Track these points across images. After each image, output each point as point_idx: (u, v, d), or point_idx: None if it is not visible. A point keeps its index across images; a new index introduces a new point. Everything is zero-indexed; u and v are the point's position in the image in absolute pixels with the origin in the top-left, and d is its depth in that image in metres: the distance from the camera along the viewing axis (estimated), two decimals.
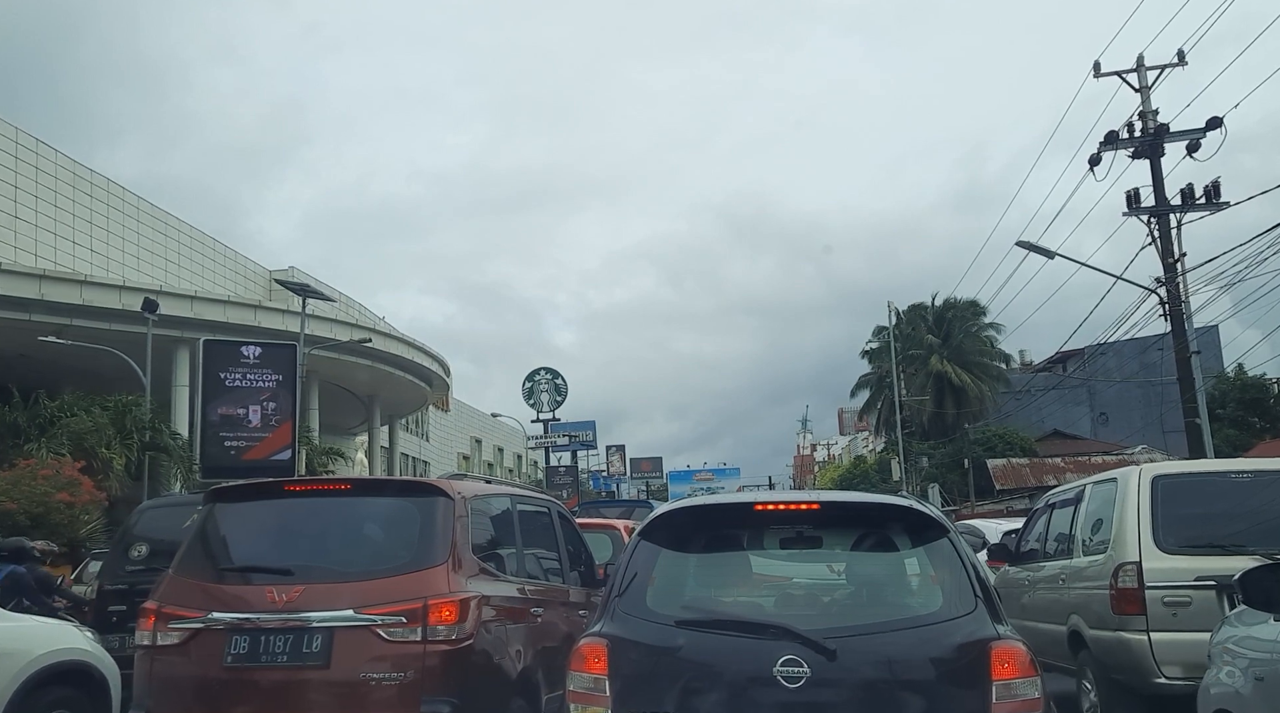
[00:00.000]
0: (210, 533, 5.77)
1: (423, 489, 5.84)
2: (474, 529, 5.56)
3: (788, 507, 4.36)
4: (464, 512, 5.46)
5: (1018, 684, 3.59)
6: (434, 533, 5.29)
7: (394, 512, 5.73)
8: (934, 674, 3.68)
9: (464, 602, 5.02)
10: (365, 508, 5.83)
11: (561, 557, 6.90)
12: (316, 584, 5.04)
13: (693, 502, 4.61)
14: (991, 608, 3.84)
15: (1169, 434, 43.65)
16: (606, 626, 3.96)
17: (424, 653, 4.84)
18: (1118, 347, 34.53)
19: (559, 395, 54.23)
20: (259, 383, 21.22)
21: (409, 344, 35.59)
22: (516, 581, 5.92)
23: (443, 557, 5.18)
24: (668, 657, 3.79)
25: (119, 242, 33.31)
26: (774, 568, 4.56)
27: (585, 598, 6.90)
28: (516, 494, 6.88)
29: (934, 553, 4.09)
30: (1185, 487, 6.70)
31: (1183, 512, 6.47)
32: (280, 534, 5.68)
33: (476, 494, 5.94)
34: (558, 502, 7.83)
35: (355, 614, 4.86)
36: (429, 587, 4.99)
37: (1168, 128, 16.65)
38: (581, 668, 3.87)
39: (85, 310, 25.14)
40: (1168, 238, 16.69)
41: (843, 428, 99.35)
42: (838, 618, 4.02)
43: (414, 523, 5.45)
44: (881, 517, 4.31)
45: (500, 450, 76.56)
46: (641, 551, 4.19)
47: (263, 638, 4.91)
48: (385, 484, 7.05)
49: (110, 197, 33.38)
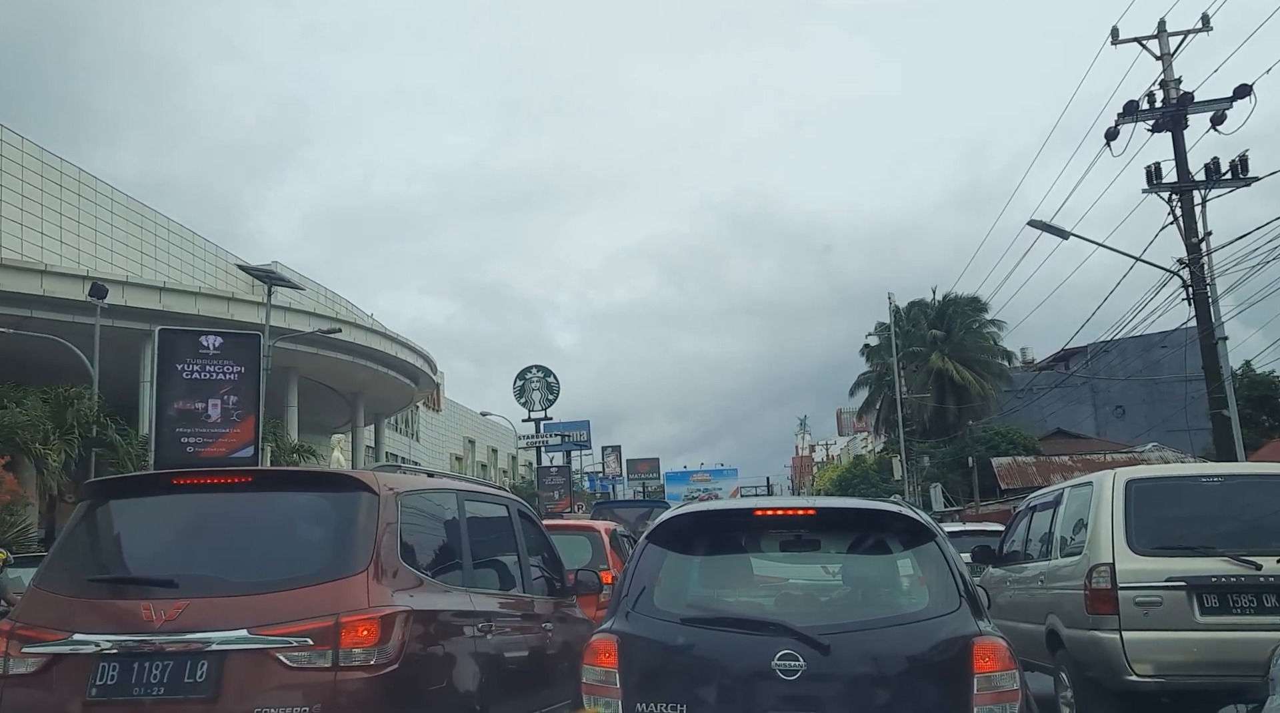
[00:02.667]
0: (81, 536, 4.95)
1: (341, 483, 4.98)
2: (406, 531, 4.79)
3: (786, 512, 4.61)
4: (393, 510, 4.71)
5: (998, 677, 3.85)
6: (353, 535, 4.53)
7: (305, 510, 4.90)
8: (920, 667, 3.96)
9: (387, 618, 4.29)
10: (270, 505, 4.94)
11: (522, 563, 6.16)
12: (204, 598, 4.28)
13: (697, 507, 4.99)
14: (974, 607, 4.11)
15: (1174, 432, 42.94)
16: (617, 623, 4.24)
17: (335, 683, 4.12)
18: (1122, 345, 33.75)
19: (551, 394, 53.39)
20: (219, 375, 19.85)
21: (392, 340, 34.42)
22: (462, 591, 5.16)
23: (362, 564, 4.41)
24: (674, 651, 4.09)
25: (90, 232, 32.08)
26: (773, 569, 4.86)
27: (553, 610, 6.32)
28: (465, 490, 5.99)
29: (922, 556, 4.35)
30: (1158, 490, 6.95)
31: (1155, 514, 6.68)
32: (163, 538, 4.84)
33: (411, 489, 5.15)
34: (518, 499, 6.93)
35: (250, 635, 4.14)
36: (343, 601, 4.25)
37: (1191, 96, 15.50)
38: (594, 662, 4.17)
39: (46, 301, 23.97)
40: (1191, 216, 15.55)
41: (841, 429, 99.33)
42: (832, 616, 4.28)
43: (328, 523, 4.72)
44: (874, 522, 4.61)
45: (494, 451, 75.76)
46: (649, 553, 4.47)
47: (136, 665, 4.13)
48: (296, 476, 5.87)
49: (81, 186, 32.18)
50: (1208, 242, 15.54)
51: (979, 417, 45.20)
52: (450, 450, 65.73)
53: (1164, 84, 15.99)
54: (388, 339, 34.26)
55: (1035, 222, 16.45)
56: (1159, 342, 41.86)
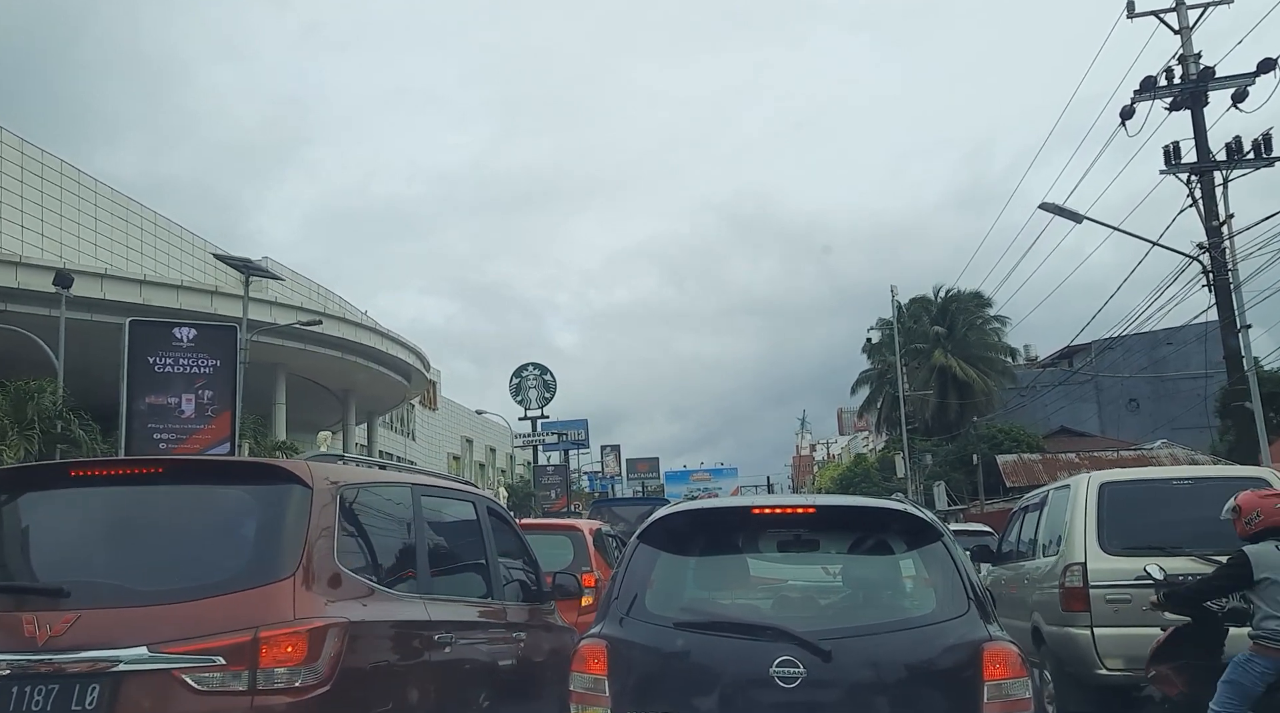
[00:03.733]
0: None
1: (268, 474, 4.34)
2: (348, 530, 4.22)
3: (784, 511, 4.44)
4: (330, 506, 4.11)
5: (1009, 685, 3.66)
6: (279, 535, 3.93)
7: (225, 506, 4.25)
8: (927, 675, 3.76)
9: (316, 632, 3.70)
10: (184, 501, 4.26)
11: (491, 566, 5.55)
12: (99, 610, 3.67)
13: (691, 505, 4.71)
14: (983, 610, 3.91)
15: (1179, 430, 42.15)
16: (606, 627, 4.05)
17: (252, 708, 3.56)
18: (1127, 341, 32.99)
19: (548, 392, 52.69)
20: (193, 369, 19.00)
21: (383, 335, 33.61)
22: (417, 600, 4.55)
23: (288, 568, 3.81)
24: (666, 658, 3.91)
25: (73, 226, 31.33)
26: (771, 571, 4.66)
27: (529, 617, 5.81)
28: (424, 484, 5.29)
29: (928, 556, 4.16)
30: (1130, 493, 7.35)
31: (1126, 516, 7.06)
32: (57, 539, 4.23)
33: (355, 482, 4.53)
34: (487, 495, 6.28)
35: (151, 653, 3.54)
36: (264, 612, 3.67)
37: (1213, 71, 14.70)
38: (582, 669, 3.96)
39: (21, 295, 23.18)
40: (1212, 198, 14.75)
41: (842, 428, 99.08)
42: (833, 620, 4.13)
43: (251, 521, 4.10)
44: (876, 521, 4.42)
45: (493, 451, 75.07)
46: (640, 553, 4.27)
47: (15, 689, 3.56)
48: (216, 467, 5.04)
49: (64, 178, 31.43)
50: (1229, 225, 14.74)
51: (982, 414, 44.45)
52: (448, 450, 65.16)
53: (1182, 59, 15.21)
54: (378, 335, 33.45)
55: (1047, 204, 15.66)
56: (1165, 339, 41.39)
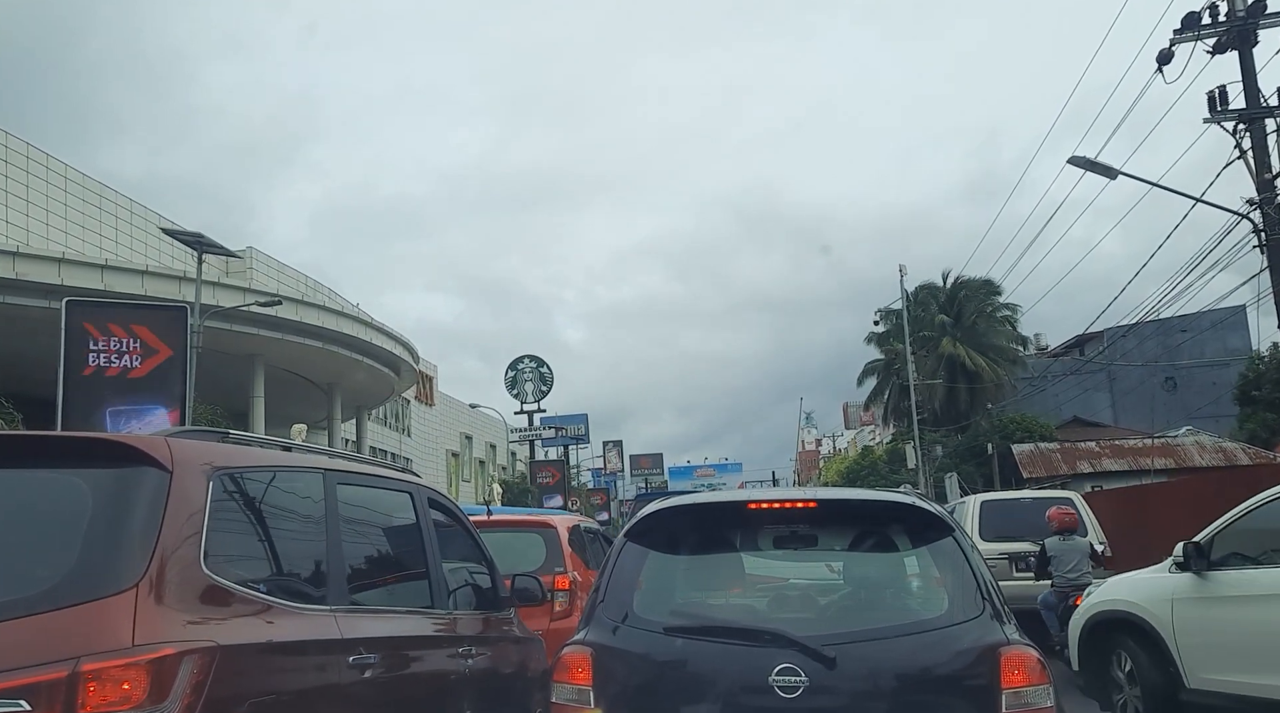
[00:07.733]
0: None
1: (113, 454, 3.21)
2: (225, 527, 3.32)
3: (783, 505, 4.24)
4: (199, 496, 3.22)
5: (1029, 692, 3.46)
6: (116, 533, 2.97)
7: (48, 496, 3.18)
8: (940, 683, 3.57)
9: (166, 662, 2.77)
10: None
11: (432, 568, 4.76)
12: None
13: (682, 500, 4.44)
14: (998, 611, 3.71)
15: (1195, 419, 40.67)
16: (590, 633, 3.87)
17: None
18: (1141, 330, 31.50)
19: (544, 385, 51.22)
20: (137, 356, 17.45)
21: (366, 324, 32.03)
22: (326, 614, 3.67)
23: (128, 577, 2.88)
24: (656, 666, 3.73)
25: (40, 212, 29.85)
26: (770, 570, 4.46)
27: (482, 627, 5.13)
28: (338, 469, 4.23)
29: (938, 553, 3.96)
30: (997, 506, 13.48)
31: (995, 519, 12.86)
32: None
33: (240, 466, 3.58)
34: (426, 484, 5.26)
35: None
36: (89, 637, 2.73)
37: (1264, 5, 13.13)
38: (565, 679, 3.77)
39: None
40: (1264, 148, 13.18)
41: (848, 422, 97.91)
42: (836, 623, 3.93)
43: (79, 516, 3.03)
44: (882, 515, 4.25)
45: (493, 447, 73.65)
46: (628, 553, 4.09)
47: None
48: (39, 444, 3.47)
49: (30, 162, 29.96)
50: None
51: (992, 404, 42.92)
52: (446, 446, 63.84)
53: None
54: (361, 324, 31.89)
55: (1076, 158, 14.11)
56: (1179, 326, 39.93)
